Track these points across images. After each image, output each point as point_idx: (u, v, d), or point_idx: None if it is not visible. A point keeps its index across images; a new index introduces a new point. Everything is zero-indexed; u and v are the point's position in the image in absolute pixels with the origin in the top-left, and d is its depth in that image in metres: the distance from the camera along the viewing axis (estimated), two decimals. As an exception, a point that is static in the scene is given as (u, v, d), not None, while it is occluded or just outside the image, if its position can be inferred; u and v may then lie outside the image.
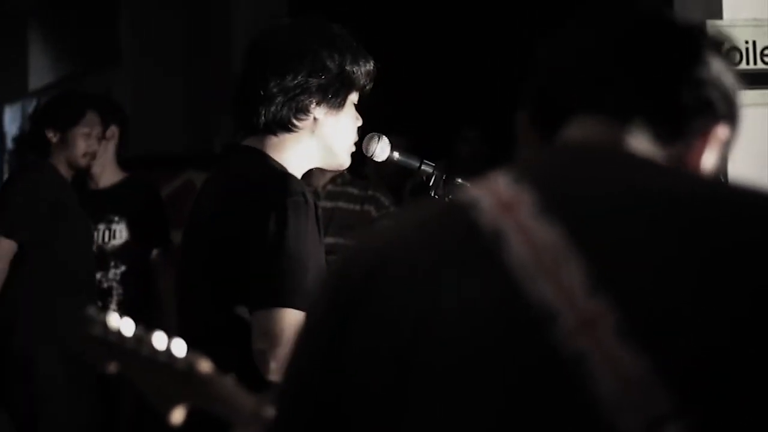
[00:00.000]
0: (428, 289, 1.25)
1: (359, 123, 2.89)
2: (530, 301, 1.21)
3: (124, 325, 1.57)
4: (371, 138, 3.01)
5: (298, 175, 2.83)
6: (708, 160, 1.37)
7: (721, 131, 1.38)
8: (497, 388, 1.21)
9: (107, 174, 5.66)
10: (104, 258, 5.51)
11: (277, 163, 2.78)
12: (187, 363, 1.56)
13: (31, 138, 5.38)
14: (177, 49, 9.89)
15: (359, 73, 2.83)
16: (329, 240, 2.89)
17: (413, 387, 1.23)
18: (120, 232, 5.58)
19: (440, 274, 1.26)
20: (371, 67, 2.86)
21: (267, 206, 2.67)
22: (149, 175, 6.50)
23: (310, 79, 2.77)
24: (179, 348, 1.56)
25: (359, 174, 5.56)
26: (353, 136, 2.89)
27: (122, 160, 5.80)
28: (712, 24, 1.43)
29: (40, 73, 12.42)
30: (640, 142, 1.34)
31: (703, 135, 1.37)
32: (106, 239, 5.56)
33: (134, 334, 1.56)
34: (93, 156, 5.34)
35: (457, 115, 7.54)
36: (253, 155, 2.80)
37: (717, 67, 1.37)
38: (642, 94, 1.35)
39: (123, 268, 5.56)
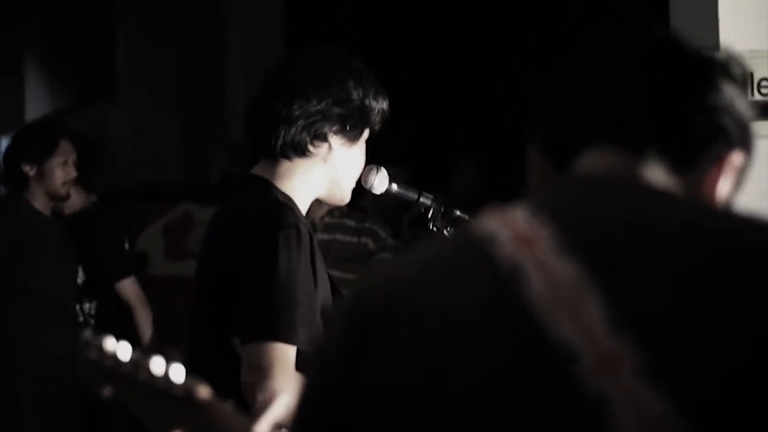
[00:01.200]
0: (445, 323, 1.24)
1: (363, 163, 2.89)
2: (549, 338, 1.20)
3: (121, 349, 1.55)
4: (370, 170, 2.99)
5: (305, 204, 2.82)
6: (723, 188, 1.36)
7: (736, 158, 1.37)
8: (517, 427, 1.20)
9: (69, 203, 5.62)
10: (77, 292, 5.52)
11: (282, 193, 2.77)
12: (186, 389, 1.54)
13: (6, 174, 5.34)
14: (173, 82, 9.91)
15: (377, 110, 2.83)
16: (327, 272, 2.89)
17: (429, 420, 1.22)
18: (79, 271, 5.55)
19: (456, 308, 1.25)
20: (385, 108, 2.86)
21: (259, 240, 2.66)
22: (146, 206, 6.47)
23: (333, 107, 2.76)
24: (177, 373, 1.55)
25: (356, 206, 5.55)
26: (358, 174, 2.89)
27: (120, 191, 5.79)
28: (724, 51, 1.42)
29: (36, 104, 12.43)
30: (655, 173, 1.33)
31: (717, 162, 1.36)
32: None
33: (131, 359, 1.54)
34: (72, 183, 5.34)
35: (452, 146, 7.53)
36: (259, 186, 2.79)
37: (730, 93, 1.36)
38: (655, 123, 1.34)
39: (94, 303, 5.56)
